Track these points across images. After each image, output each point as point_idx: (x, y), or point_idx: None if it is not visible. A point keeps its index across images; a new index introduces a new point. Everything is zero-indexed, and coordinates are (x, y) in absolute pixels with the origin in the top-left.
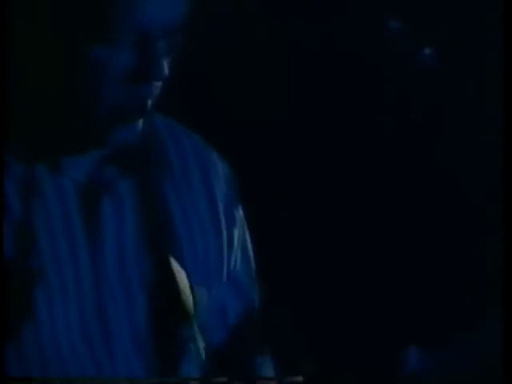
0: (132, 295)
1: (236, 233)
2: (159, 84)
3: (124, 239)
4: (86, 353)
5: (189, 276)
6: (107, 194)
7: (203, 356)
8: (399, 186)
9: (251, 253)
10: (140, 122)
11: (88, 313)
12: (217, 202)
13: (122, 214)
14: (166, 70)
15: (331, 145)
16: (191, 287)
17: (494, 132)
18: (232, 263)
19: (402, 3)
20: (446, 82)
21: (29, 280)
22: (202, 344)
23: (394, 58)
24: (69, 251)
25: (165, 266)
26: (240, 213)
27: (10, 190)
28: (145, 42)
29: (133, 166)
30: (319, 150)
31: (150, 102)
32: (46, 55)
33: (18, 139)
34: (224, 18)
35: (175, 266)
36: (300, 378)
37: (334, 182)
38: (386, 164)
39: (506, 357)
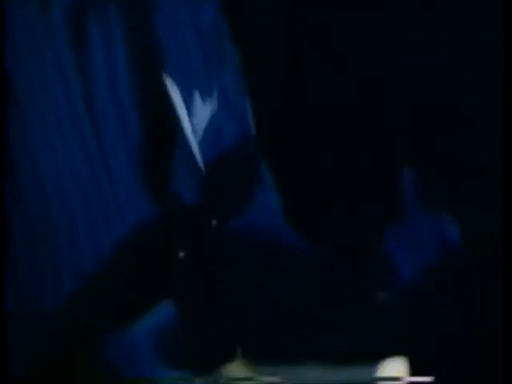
0: (125, 115)
1: (224, 48)
2: None
3: (114, 63)
4: (85, 176)
5: (181, 91)
6: (95, 19)
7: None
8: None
9: (241, 71)
10: None
11: (84, 138)
12: (201, 17)
13: (111, 37)
14: None
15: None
16: (184, 103)
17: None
18: (222, 79)
19: None
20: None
21: (18, 107)
22: (198, 161)
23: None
24: (59, 78)
25: (156, 82)
26: (227, 28)
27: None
28: None
29: None
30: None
31: None
32: None
33: None
34: None
35: (167, 82)
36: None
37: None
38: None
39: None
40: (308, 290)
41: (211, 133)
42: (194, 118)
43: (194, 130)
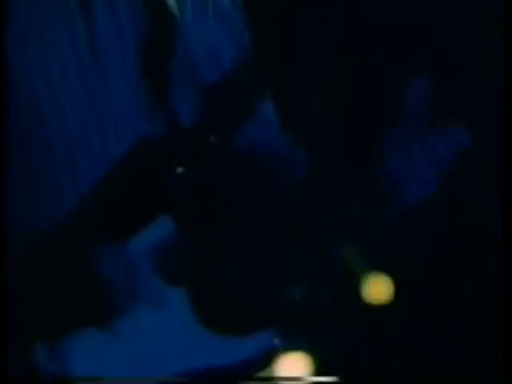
0: (122, 30)
1: None
2: None
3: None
4: (82, 94)
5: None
6: None
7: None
8: None
9: None
10: None
11: (80, 55)
12: None
13: None
14: None
15: None
16: (180, 17)
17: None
18: None
19: None
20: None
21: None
22: (196, 76)
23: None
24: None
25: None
26: None
27: None
28: None
29: None
30: None
31: None
32: None
33: None
34: None
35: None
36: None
37: None
38: None
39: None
40: (307, 204)
41: (208, 48)
42: (190, 32)
43: (191, 45)
